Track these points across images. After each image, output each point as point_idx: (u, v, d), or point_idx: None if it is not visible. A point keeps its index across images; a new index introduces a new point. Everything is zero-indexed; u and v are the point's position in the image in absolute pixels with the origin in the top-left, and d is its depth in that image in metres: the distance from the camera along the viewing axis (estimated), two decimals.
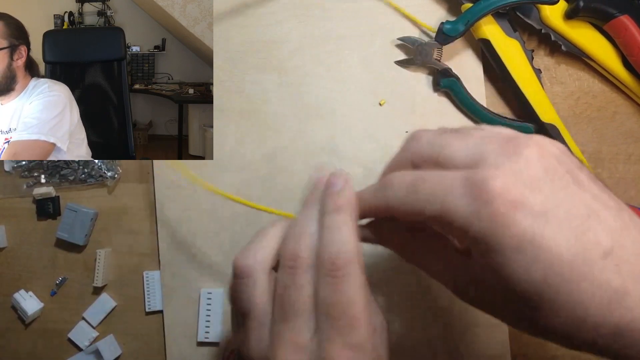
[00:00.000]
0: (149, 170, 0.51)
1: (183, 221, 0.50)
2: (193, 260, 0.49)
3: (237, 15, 0.52)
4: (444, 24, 0.46)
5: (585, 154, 0.50)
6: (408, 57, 0.49)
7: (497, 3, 0.45)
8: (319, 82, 0.50)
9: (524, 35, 0.50)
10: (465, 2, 0.47)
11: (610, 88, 0.51)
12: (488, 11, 0.45)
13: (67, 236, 0.50)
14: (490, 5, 0.45)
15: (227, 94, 0.51)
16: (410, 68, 0.49)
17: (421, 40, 0.48)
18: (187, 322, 0.49)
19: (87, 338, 0.50)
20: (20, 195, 0.52)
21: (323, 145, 0.49)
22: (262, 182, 0.49)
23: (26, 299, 0.50)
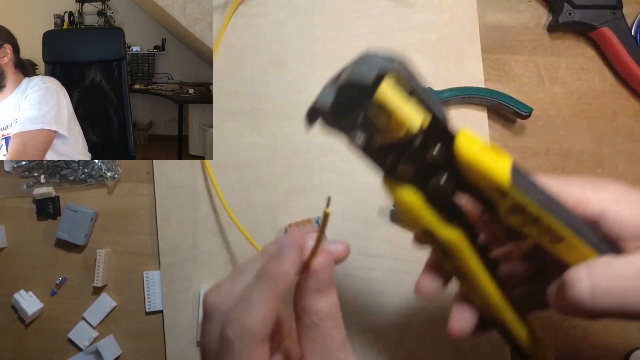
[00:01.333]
0: (149, 170, 0.51)
1: (183, 221, 0.50)
2: (193, 260, 0.49)
3: (236, 16, 0.52)
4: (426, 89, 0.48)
5: (585, 154, 0.50)
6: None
7: (471, 92, 0.47)
8: (319, 82, 0.50)
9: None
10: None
11: (610, 88, 0.51)
12: (461, 95, 0.48)
13: (67, 236, 0.50)
14: (466, 92, 0.48)
15: (227, 93, 0.51)
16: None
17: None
18: (187, 322, 0.49)
19: (87, 338, 0.49)
20: (20, 195, 0.52)
21: (323, 145, 0.49)
22: (262, 183, 0.49)
23: (26, 299, 0.50)
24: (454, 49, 0.51)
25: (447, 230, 0.26)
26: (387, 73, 0.22)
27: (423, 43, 0.51)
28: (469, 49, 0.51)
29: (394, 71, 0.22)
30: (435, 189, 0.24)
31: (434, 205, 0.25)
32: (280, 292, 0.25)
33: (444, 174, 0.24)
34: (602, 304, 0.24)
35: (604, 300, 0.24)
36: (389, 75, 0.22)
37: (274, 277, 0.24)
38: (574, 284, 0.24)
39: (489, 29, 0.52)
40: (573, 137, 0.50)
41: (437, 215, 0.26)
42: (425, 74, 0.50)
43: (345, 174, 0.49)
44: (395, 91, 0.22)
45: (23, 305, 0.49)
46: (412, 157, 0.24)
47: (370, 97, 0.22)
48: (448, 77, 0.50)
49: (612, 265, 0.24)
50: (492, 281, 0.27)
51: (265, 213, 0.49)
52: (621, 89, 0.50)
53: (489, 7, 0.52)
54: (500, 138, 0.50)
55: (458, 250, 0.26)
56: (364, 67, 0.22)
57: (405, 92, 0.22)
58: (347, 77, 0.22)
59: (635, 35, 0.49)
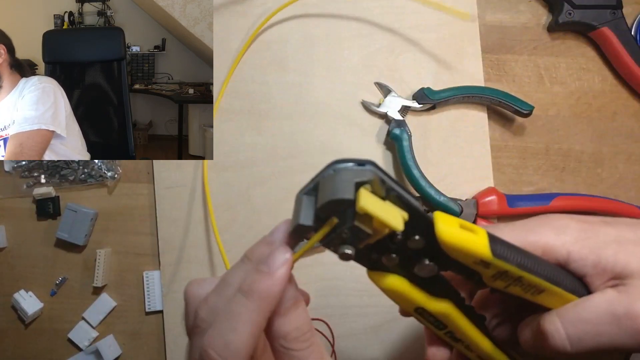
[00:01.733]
0: (149, 170, 0.51)
1: (183, 221, 0.50)
2: (193, 260, 0.49)
3: (237, 16, 0.52)
4: (425, 88, 0.48)
5: (585, 154, 0.50)
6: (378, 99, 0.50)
7: (471, 91, 0.48)
8: (319, 82, 0.51)
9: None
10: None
11: (610, 88, 0.51)
12: (461, 95, 0.48)
13: (67, 236, 0.50)
14: (467, 91, 0.48)
15: (227, 93, 0.51)
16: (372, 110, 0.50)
17: (394, 92, 0.49)
18: None
19: (87, 338, 0.49)
20: (20, 195, 0.52)
21: (323, 144, 0.49)
22: (262, 182, 0.49)
23: (26, 299, 0.50)
24: (454, 49, 0.51)
25: (438, 304, 0.28)
26: (363, 184, 0.23)
27: (423, 43, 0.51)
28: (469, 49, 0.51)
29: (369, 179, 0.23)
30: (420, 270, 0.26)
31: (421, 285, 0.27)
32: (269, 310, 0.23)
33: (426, 258, 0.25)
34: (581, 347, 0.26)
35: (581, 344, 0.26)
36: (365, 186, 0.23)
37: (264, 294, 0.23)
38: (553, 335, 0.26)
39: (489, 29, 0.52)
40: (573, 137, 0.50)
41: (425, 293, 0.27)
42: (425, 73, 0.50)
43: None
44: (374, 198, 0.22)
45: (23, 305, 0.49)
46: (395, 250, 0.25)
47: (351, 210, 0.22)
48: (448, 77, 0.50)
49: (578, 310, 0.26)
50: (484, 336, 0.30)
51: (265, 213, 0.49)
52: (621, 89, 0.50)
53: (489, 7, 0.52)
54: (500, 138, 0.50)
55: (452, 319, 0.28)
56: (339, 183, 0.23)
57: (382, 194, 0.23)
58: (327, 197, 0.22)
59: (635, 35, 0.49)
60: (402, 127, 0.47)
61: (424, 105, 0.48)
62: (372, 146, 0.49)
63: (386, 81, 0.50)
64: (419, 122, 0.49)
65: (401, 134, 0.47)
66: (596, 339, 0.25)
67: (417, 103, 0.48)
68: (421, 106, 0.48)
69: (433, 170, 0.48)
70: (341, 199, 0.22)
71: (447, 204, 0.45)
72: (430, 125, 0.49)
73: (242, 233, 0.49)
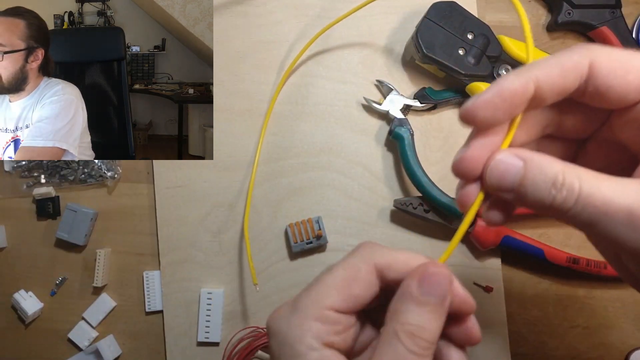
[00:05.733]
0: (149, 170, 0.51)
1: (183, 221, 0.50)
2: (193, 260, 0.49)
3: (236, 16, 0.52)
4: (427, 88, 0.48)
5: None
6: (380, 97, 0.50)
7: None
8: (319, 82, 0.51)
9: None
10: (468, 83, 0.47)
11: None
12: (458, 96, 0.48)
13: (67, 236, 0.50)
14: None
15: (227, 94, 0.51)
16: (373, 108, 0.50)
17: (396, 91, 0.49)
18: (187, 322, 0.49)
19: (87, 338, 0.49)
20: (20, 195, 0.52)
21: (323, 144, 0.49)
22: (262, 182, 0.49)
23: (26, 299, 0.50)
24: None
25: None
26: None
27: None
28: None
29: None
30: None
31: None
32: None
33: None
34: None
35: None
36: None
37: (424, 346, 0.21)
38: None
39: None
40: None
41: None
42: (425, 73, 0.50)
43: (345, 174, 0.49)
44: None
45: (23, 305, 0.49)
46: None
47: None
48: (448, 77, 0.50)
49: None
50: None
51: (265, 213, 0.49)
52: None
53: (489, 7, 0.52)
54: None
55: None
56: None
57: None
58: None
59: (636, 36, 0.49)
60: (404, 126, 0.47)
61: (426, 104, 0.48)
62: (372, 146, 0.49)
63: (388, 82, 0.50)
64: (420, 122, 0.49)
65: (404, 133, 0.47)
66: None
67: (419, 102, 0.48)
68: (423, 105, 0.48)
69: (433, 170, 0.48)
70: None
71: (450, 204, 0.45)
72: (431, 125, 0.50)
73: (242, 233, 0.49)
